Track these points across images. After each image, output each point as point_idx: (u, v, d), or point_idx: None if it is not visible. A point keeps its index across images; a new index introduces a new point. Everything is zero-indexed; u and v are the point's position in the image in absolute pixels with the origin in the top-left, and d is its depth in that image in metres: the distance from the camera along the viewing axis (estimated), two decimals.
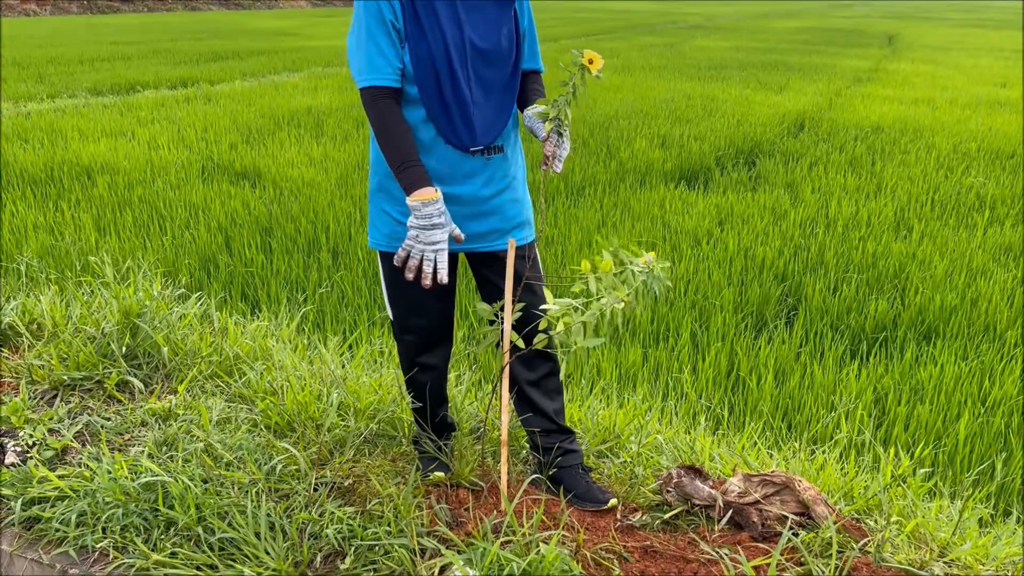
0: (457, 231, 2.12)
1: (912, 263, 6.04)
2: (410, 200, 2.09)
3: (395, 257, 2.10)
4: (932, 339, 4.98)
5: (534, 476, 2.45)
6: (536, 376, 2.42)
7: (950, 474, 3.73)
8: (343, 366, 3.23)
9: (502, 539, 2.05)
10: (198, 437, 2.49)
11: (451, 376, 3.07)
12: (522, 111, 2.34)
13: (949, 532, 2.26)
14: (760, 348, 4.74)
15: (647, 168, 8.72)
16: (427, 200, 2.08)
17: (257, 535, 2.10)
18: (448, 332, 2.41)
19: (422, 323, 2.33)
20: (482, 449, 2.55)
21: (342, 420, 2.71)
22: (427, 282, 2.07)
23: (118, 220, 6.77)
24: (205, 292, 5.45)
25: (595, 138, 10.09)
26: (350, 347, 4.55)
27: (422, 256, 2.07)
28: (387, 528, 2.12)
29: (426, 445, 2.52)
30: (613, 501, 2.37)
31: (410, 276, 2.09)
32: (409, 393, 2.51)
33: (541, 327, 2.12)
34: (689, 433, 3.19)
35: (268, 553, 2.06)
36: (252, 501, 2.20)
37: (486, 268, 2.38)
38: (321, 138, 10.20)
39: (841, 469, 2.71)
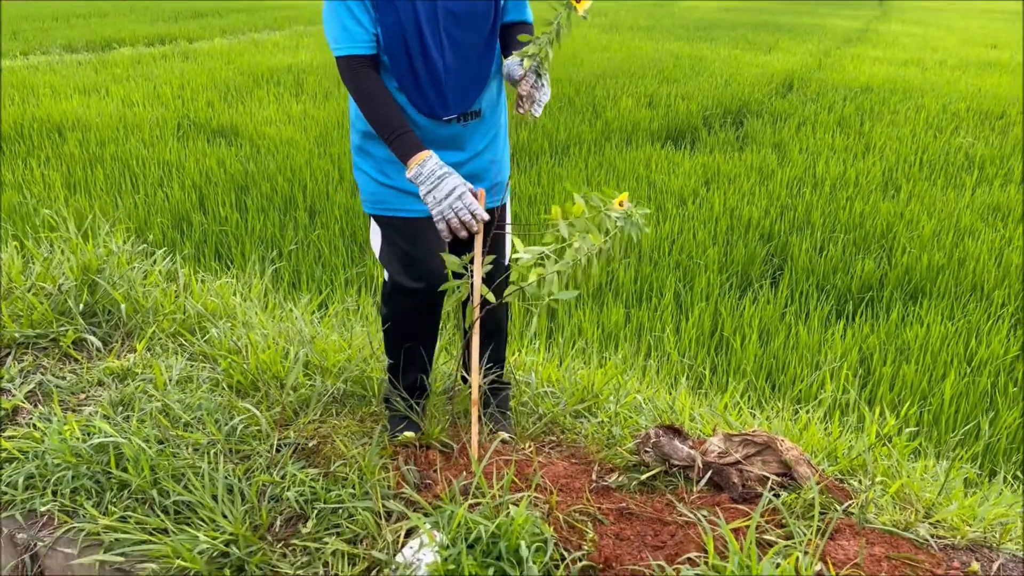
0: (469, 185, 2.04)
1: (900, 223, 5.95)
2: (408, 172, 2.02)
3: (441, 232, 2.03)
4: (919, 299, 4.91)
5: (503, 436, 2.37)
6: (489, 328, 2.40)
7: (935, 434, 3.67)
8: (313, 324, 3.12)
9: (471, 501, 1.95)
10: (155, 397, 2.38)
11: None
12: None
13: (935, 493, 2.19)
14: (745, 308, 4.66)
15: (633, 128, 8.56)
16: (422, 161, 2.01)
17: (214, 498, 2.00)
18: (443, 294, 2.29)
19: (420, 285, 2.21)
20: (452, 409, 2.45)
21: (308, 379, 2.60)
22: (474, 228, 2.00)
23: (89, 178, 6.58)
24: (177, 251, 5.32)
25: (581, 97, 9.90)
26: (323, 306, 4.44)
27: (456, 213, 2.00)
28: (351, 491, 2.03)
29: (398, 404, 2.42)
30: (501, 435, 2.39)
31: (463, 234, 2.03)
32: (389, 353, 2.41)
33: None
34: (670, 393, 3.11)
35: (225, 516, 1.96)
36: (210, 463, 2.10)
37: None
38: (301, 96, 9.96)
39: (825, 429, 2.63)
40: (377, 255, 2.31)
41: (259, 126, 8.32)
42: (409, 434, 2.34)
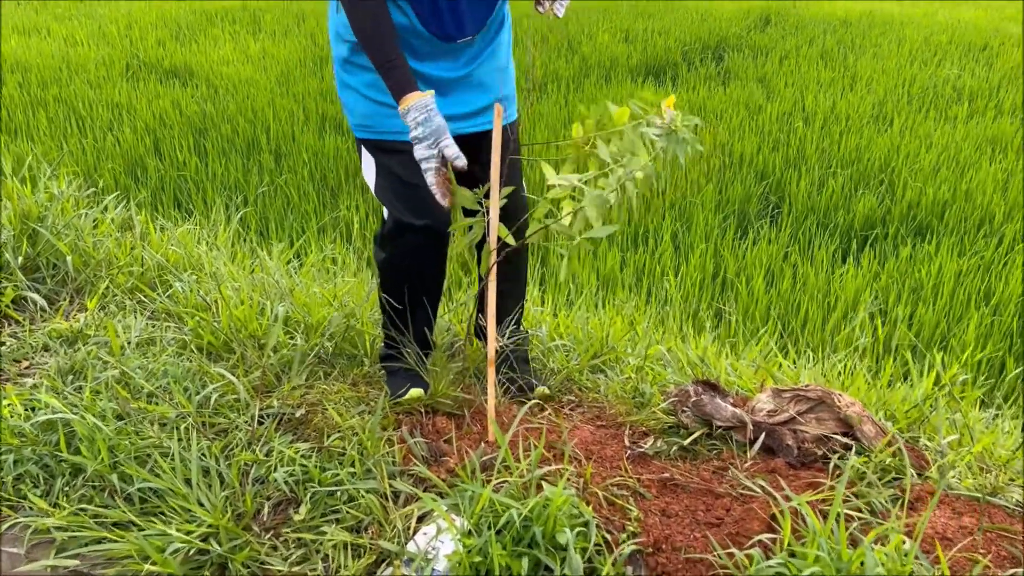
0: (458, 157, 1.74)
1: (897, 157, 5.70)
2: (401, 107, 1.74)
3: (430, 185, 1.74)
4: (926, 235, 4.68)
5: (543, 389, 2.08)
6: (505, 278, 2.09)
7: (954, 367, 3.45)
8: (290, 276, 2.77)
9: (495, 479, 1.66)
10: (112, 363, 2.03)
11: None
12: None
13: (1009, 448, 1.94)
14: (747, 249, 4.39)
15: (612, 63, 8.17)
16: (419, 100, 1.73)
17: (188, 482, 1.68)
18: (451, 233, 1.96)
19: (425, 221, 1.87)
20: (463, 366, 2.14)
21: (290, 338, 2.27)
22: (458, 164, 1.73)
23: (31, 122, 6.06)
24: (132, 198, 4.89)
25: (554, 33, 9.46)
26: (297, 256, 4.07)
27: (440, 150, 1.73)
28: (350, 469, 1.72)
29: (406, 357, 2.09)
30: (540, 390, 2.14)
31: (443, 193, 1.75)
32: (390, 303, 2.08)
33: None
34: (685, 341, 2.83)
35: (202, 505, 1.64)
36: (180, 440, 1.77)
37: (468, 159, 1.94)
38: (259, 34, 9.38)
39: (873, 378, 2.37)
40: (373, 190, 1.96)
41: (215, 66, 7.78)
42: (418, 391, 2.03)
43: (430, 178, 1.72)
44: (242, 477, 1.75)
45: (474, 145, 1.97)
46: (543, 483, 1.65)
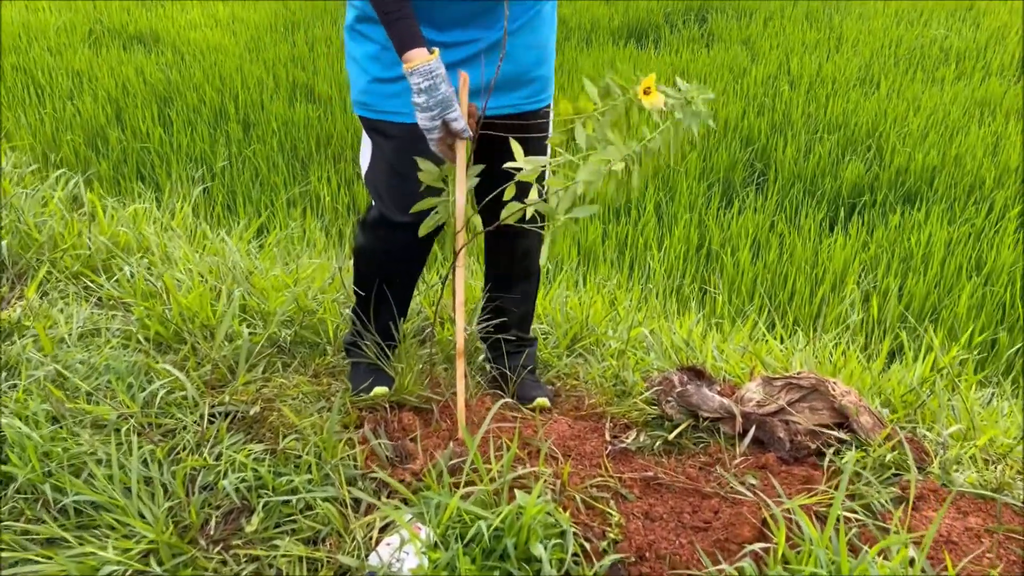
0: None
1: (885, 121, 5.56)
2: (406, 66, 1.54)
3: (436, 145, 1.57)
4: (915, 202, 4.56)
5: (543, 401, 1.93)
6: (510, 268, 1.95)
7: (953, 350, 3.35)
8: (250, 256, 2.60)
9: (463, 485, 1.52)
10: (47, 359, 1.87)
11: None
12: None
13: (1014, 436, 1.82)
14: (732, 219, 4.25)
15: (592, 25, 7.94)
16: (427, 62, 1.53)
17: (127, 492, 1.53)
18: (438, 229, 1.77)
19: (411, 219, 1.71)
20: (431, 353, 1.99)
21: (248, 327, 2.11)
22: (464, 136, 1.55)
23: None
24: (93, 172, 4.68)
25: None
26: (263, 231, 3.90)
27: (445, 120, 1.55)
28: (307, 475, 1.58)
29: (366, 351, 1.94)
30: (540, 400, 1.94)
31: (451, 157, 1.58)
32: (359, 289, 1.92)
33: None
34: (669, 320, 2.70)
35: (143, 517, 1.50)
36: (120, 445, 1.62)
37: (485, 143, 1.74)
38: None
39: (865, 359, 2.25)
40: (363, 176, 1.79)
41: (182, 31, 7.50)
42: (381, 389, 1.89)
43: (435, 147, 1.55)
44: (189, 484, 1.61)
45: (488, 137, 1.72)
46: (519, 491, 1.52)
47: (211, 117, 5.48)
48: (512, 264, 1.95)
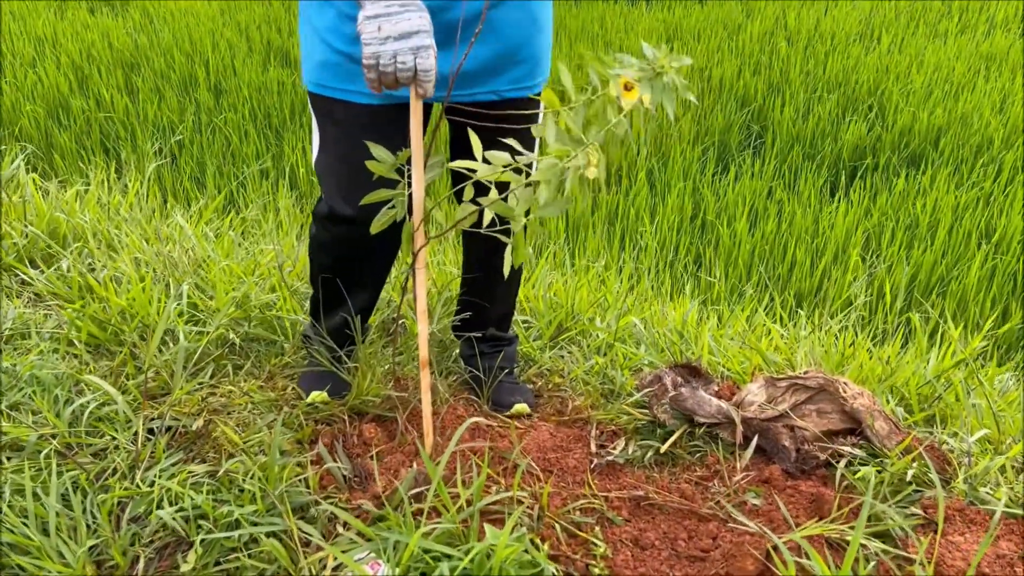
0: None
1: (887, 78, 5.31)
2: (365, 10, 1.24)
3: (366, 80, 1.26)
4: (920, 165, 4.34)
5: (522, 407, 1.74)
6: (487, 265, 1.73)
7: (962, 324, 3.17)
8: (207, 240, 2.39)
9: (429, 509, 1.33)
10: None
11: None
12: None
13: None
14: (728, 186, 4.03)
15: None
16: None
17: (45, 529, 1.34)
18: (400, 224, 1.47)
19: (357, 212, 1.49)
20: (393, 352, 1.80)
21: (196, 325, 1.91)
22: (405, 75, 1.24)
23: None
24: (54, 144, 4.44)
25: None
26: (232, 205, 3.68)
27: (396, 64, 1.24)
28: (252, 506, 1.39)
29: (318, 355, 1.75)
30: (519, 407, 1.75)
31: (391, 89, 1.28)
32: (313, 283, 1.72)
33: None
34: (661, 302, 2.50)
35: (63, 558, 1.31)
36: (39, 472, 1.43)
37: (462, 135, 1.51)
38: None
39: (874, 346, 2.06)
40: (313, 162, 1.57)
41: None
42: (319, 394, 1.70)
43: (370, 84, 1.26)
44: (118, 515, 1.42)
45: (467, 125, 1.48)
46: (491, 514, 1.33)
47: (180, 83, 5.21)
48: (489, 258, 1.73)
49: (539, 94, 1.59)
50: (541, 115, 1.53)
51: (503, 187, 1.33)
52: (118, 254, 2.17)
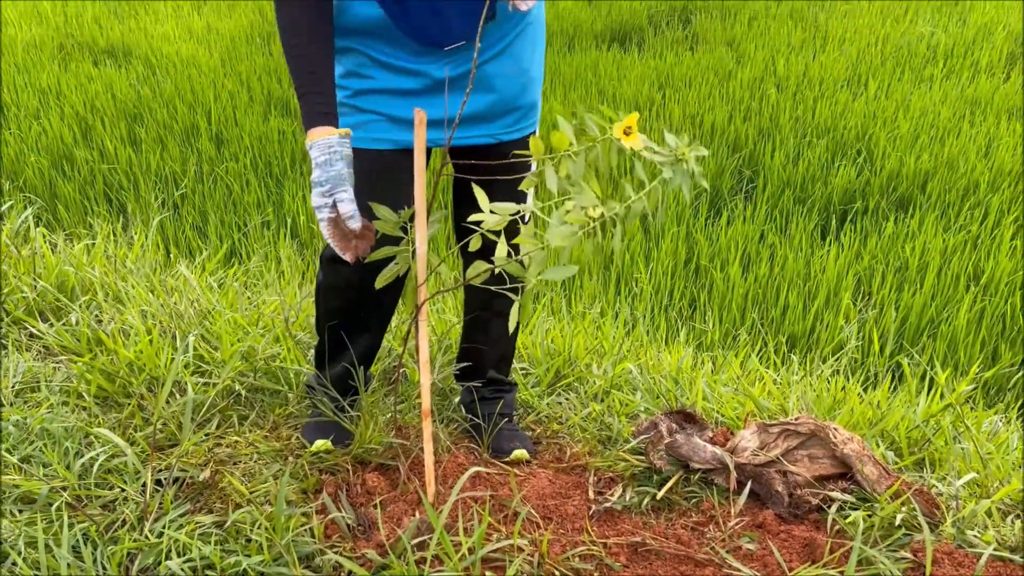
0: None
1: (874, 123, 5.43)
2: (306, 141, 1.44)
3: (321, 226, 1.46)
4: (908, 208, 4.43)
5: (522, 453, 1.78)
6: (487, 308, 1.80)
7: (951, 366, 3.23)
8: (212, 290, 2.45)
9: (431, 558, 1.37)
10: None
11: None
12: None
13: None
14: (721, 231, 4.11)
15: (575, 29, 7.81)
16: (322, 139, 1.42)
17: None
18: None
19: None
20: (395, 401, 1.84)
21: (202, 377, 1.96)
22: (351, 225, 1.43)
23: None
24: (57, 195, 4.51)
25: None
26: (233, 256, 3.74)
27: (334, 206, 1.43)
28: (259, 556, 1.42)
29: (322, 406, 1.80)
30: (518, 453, 1.78)
31: (342, 247, 1.48)
32: (319, 331, 1.78)
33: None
34: (656, 348, 2.55)
35: None
36: (50, 525, 1.46)
37: (461, 176, 1.61)
38: (203, 8, 8.88)
39: (864, 391, 2.11)
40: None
41: (155, 43, 7.32)
42: (323, 442, 1.74)
43: (324, 229, 1.42)
44: (128, 567, 1.45)
45: (473, 160, 1.61)
46: (492, 562, 1.37)
47: (182, 134, 5.31)
48: (490, 300, 1.79)
49: (534, 132, 1.70)
50: (534, 163, 1.62)
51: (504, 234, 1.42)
52: (125, 306, 2.23)
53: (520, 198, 1.56)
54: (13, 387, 1.88)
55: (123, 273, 2.45)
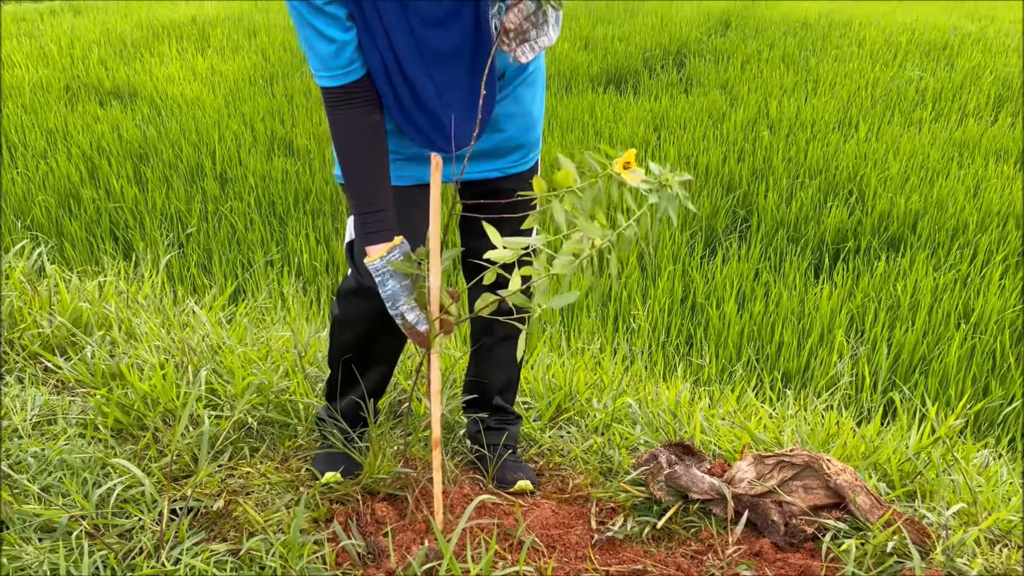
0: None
1: (865, 165, 5.56)
2: (367, 259, 1.55)
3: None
4: (899, 247, 4.53)
5: (525, 484, 1.84)
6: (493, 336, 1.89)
7: (943, 402, 3.29)
8: (221, 327, 2.51)
9: None
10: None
11: None
12: None
13: (1015, 509, 1.74)
14: (716, 269, 4.20)
15: (572, 72, 7.99)
16: (372, 263, 1.55)
17: None
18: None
19: None
20: (403, 433, 1.90)
21: (214, 410, 2.02)
22: (420, 328, 1.54)
23: None
24: (64, 234, 4.59)
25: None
26: (239, 294, 3.80)
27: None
28: None
29: (333, 438, 1.85)
30: (522, 484, 1.85)
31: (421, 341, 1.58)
32: (332, 365, 1.85)
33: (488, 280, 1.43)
34: (665, 385, 2.61)
35: None
36: (70, 553, 1.51)
37: (473, 204, 1.72)
38: (207, 50, 9.06)
39: (858, 425, 2.17)
40: (345, 245, 1.73)
41: (160, 85, 7.47)
42: (331, 475, 1.79)
43: (405, 332, 1.55)
44: None
45: (483, 190, 1.74)
46: None
47: (187, 173, 5.41)
48: (491, 325, 1.87)
49: (537, 163, 1.83)
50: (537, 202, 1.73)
51: (509, 267, 1.51)
52: (139, 342, 2.29)
53: (527, 232, 1.65)
54: (31, 420, 1.93)
55: (135, 309, 2.52)
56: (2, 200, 4.80)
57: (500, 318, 1.51)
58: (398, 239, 1.54)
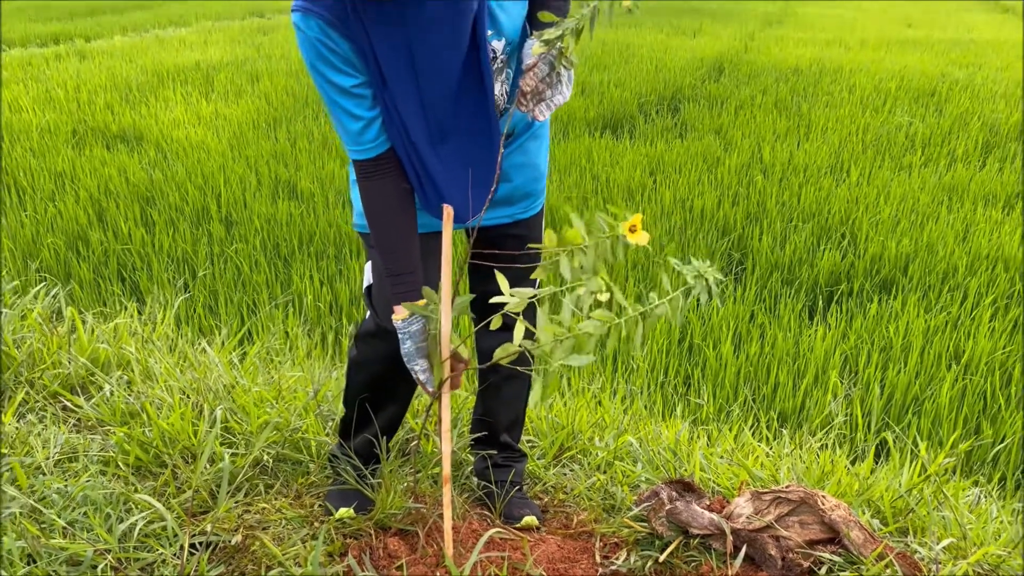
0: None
1: (857, 209, 5.69)
2: (395, 316, 1.66)
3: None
4: (891, 290, 4.63)
5: (531, 520, 1.91)
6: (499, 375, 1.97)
7: (935, 441, 3.36)
8: (234, 366, 2.59)
9: None
10: (24, 490, 1.83)
11: None
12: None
13: (1004, 545, 1.81)
14: (713, 311, 4.29)
15: (569, 117, 8.16)
16: (397, 323, 1.66)
17: None
18: None
19: None
20: (413, 470, 1.97)
21: (229, 447, 2.09)
22: (428, 389, 1.67)
23: None
24: (72, 276, 4.67)
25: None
26: (248, 337, 3.88)
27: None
28: None
29: (346, 475, 1.92)
30: (528, 519, 1.92)
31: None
32: (347, 405, 1.93)
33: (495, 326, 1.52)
34: (665, 424, 2.69)
35: None
36: None
37: (484, 247, 1.83)
38: (211, 95, 9.24)
39: (851, 464, 2.25)
40: (364, 289, 1.83)
41: (165, 129, 7.61)
42: (346, 511, 1.86)
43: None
44: None
45: (493, 235, 1.85)
46: None
47: (193, 216, 5.51)
48: (499, 364, 1.94)
49: (541, 210, 1.94)
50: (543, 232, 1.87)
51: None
52: (155, 381, 2.36)
53: (526, 275, 1.76)
54: (53, 457, 2.00)
55: (150, 349, 2.60)
56: (10, 241, 4.88)
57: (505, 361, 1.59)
58: (422, 302, 1.63)
